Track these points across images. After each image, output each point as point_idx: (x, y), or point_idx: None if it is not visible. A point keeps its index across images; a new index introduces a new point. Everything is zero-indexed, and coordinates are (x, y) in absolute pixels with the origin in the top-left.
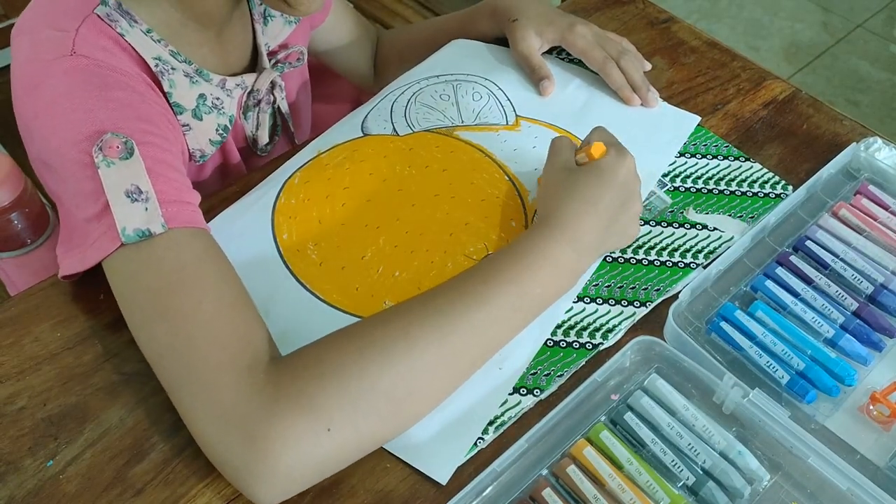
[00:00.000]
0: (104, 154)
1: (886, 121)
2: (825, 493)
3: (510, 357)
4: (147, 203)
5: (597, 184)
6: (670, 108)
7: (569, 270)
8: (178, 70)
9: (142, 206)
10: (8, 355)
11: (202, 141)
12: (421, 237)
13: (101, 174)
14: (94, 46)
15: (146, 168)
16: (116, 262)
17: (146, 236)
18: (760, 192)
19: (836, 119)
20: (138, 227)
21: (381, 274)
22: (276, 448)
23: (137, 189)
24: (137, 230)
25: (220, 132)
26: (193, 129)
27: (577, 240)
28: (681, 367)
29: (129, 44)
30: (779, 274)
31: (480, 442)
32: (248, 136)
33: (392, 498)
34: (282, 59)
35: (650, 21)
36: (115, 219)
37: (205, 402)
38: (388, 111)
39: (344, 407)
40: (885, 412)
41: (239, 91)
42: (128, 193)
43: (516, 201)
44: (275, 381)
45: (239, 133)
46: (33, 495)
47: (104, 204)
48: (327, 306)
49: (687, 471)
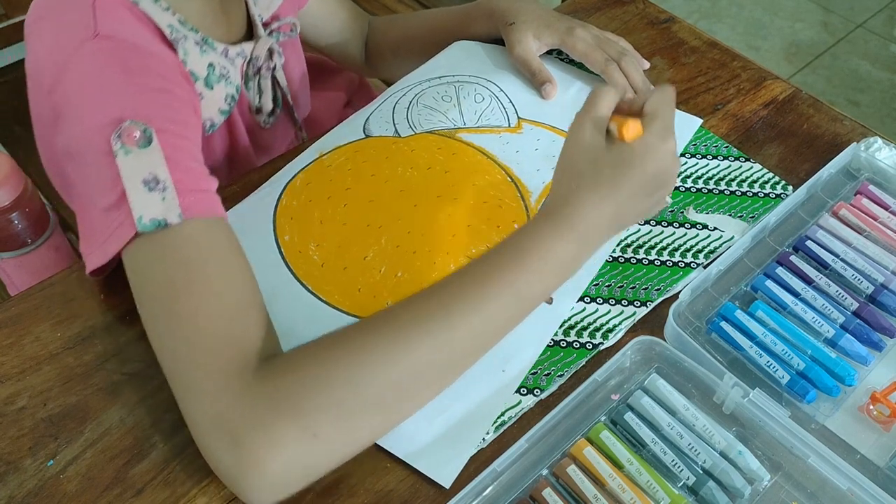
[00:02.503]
0: (122, 142)
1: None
2: (825, 493)
3: (513, 359)
4: (165, 192)
5: (620, 173)
6: None
7: (574, 264)
8: (189, 38)
9: (159, 196)
10: (8, 355)
11: (212, 110)
12: (423, 238)
13: (118, 162)
14: (114, 20)
15: (165, 157)
16: (132, 252)
17: (162, 226)
18: (760, 192)
19: (837, 119)
20: (155, 217)
21: (383, 274)
22: (262, 454)
23: (155, 178)
24: (154, 219)
25: (229, 101)
26: (206, 98)
27: (585, 235)
28: (681, 367)
29: (143, 12)
30: (779, 274)
31: (481, 442)
32: (252, 106)
33: (392, 498)
34: (276, 29)
35: (650, 21)
36: (132, 207)
37: (196, 406)
38: (391, 113)
39: (331, 413)
40: (886, 412)
41: (240, 60)
42: (145, 182)
43: (518, 203)
44: (262, 387)
45: (243, 104)
46: (33, 495)
47: (121, 193)
48: (329, 308)
49: (687, 471)
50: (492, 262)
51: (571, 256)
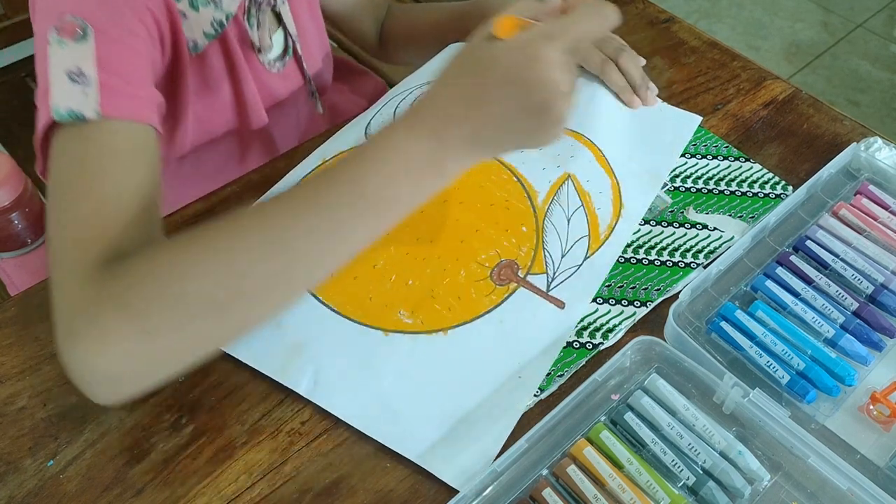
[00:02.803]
0: (59, 34)
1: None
2: (825, 493)
3: (529, 365)
4: (87, 88)
5: (479, 67)
6: (672, 109)
7: (426, 166)
8: None
9: (80, 89)
10: (8, 355)
11: (196, 31)
12: (432, 244)
13: (49, 51)
14: None
15: (97, 55)
16: (53, 139)
17: (78, 119)
18: (760, 192)
19: (837, 119)
20: (71, 108)
21: (394, 283)
22: (91, 347)
23: (80, 72)
24: (70, 110)
25: (216, 27)
26: (189, 19)
27: (440, 131)
28: (681, 366)
29: None
30: (779, 274)
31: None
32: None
33: (392, 498)
34: None
35: (650, 21)
36: (51, 95)
37: (54, 294)
38: (392, 116)
39: (163, 309)
40: (885, 412)
41: None
42: (69, 74)
43: (526, 204)
44: (105, 283)
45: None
46: (33, 495)
47: (49, 81)
48: (342, 318)
49: (687, 471)
50: (341, 165)
51: (424, 154)
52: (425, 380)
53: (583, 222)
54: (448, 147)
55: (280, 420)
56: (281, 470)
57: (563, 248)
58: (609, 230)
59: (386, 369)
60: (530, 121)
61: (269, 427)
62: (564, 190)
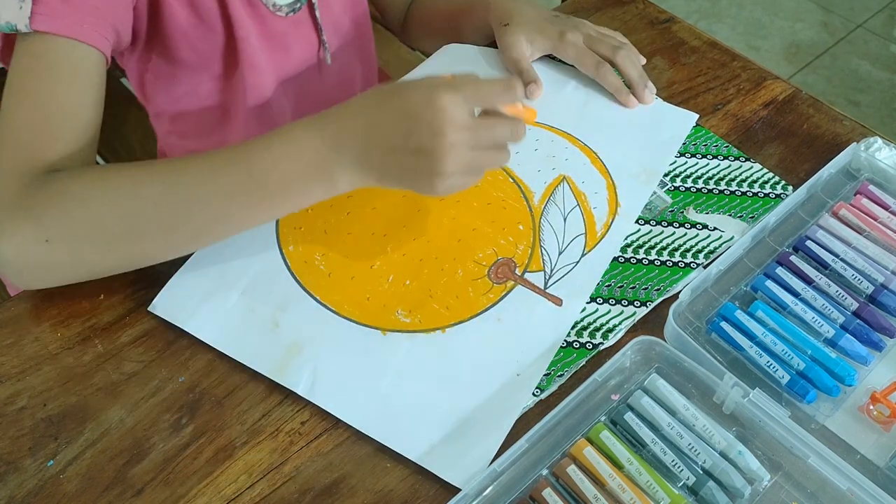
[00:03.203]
0: None
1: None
2: (825, 493)
3: (528, 364)
4: (23, 2)
5: (390, 94)
6: (668, 107)
7: (314, 164)
8: None
9: (17, 3)
10: (8, 355)
11: None
12: (429, 244)
13: None
14: None
15: None
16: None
17: (13, 31)
18: (760, 192)
19: (837, 119)
20: (9, 21)
21: (391, 283)
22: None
23: None
24: (8, 23)
25: None
26: None
27: (335, 138)
28: (681, 367)
29: None
30: (779, 274)
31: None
32: None
33: (392, 498)
34: None
35: (650, 21)
36: None
37: None
38: None
39: (63, 226)
40: (885, 412)
41: None
42: None
43: (522, 204)
44: (25, 190)
45: None
46: (33, 495)
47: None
48: (340, 318)
49: (687, 471)
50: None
51: (313, 155)
52: (424, 378)
53: (579, 220)
54: (337, 157)
55: (280, 420)
56: (281, 470)
57: (560, 245)
58: (606, 227)
59: (384, 369)
60: (411, 159)
61: (269, 427)
62: (560, 190)
